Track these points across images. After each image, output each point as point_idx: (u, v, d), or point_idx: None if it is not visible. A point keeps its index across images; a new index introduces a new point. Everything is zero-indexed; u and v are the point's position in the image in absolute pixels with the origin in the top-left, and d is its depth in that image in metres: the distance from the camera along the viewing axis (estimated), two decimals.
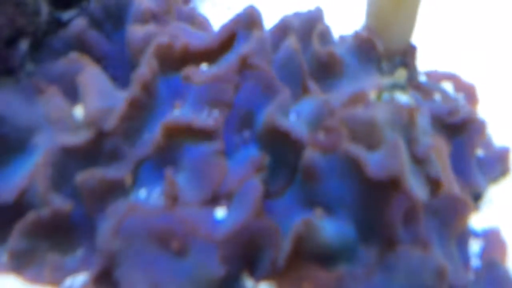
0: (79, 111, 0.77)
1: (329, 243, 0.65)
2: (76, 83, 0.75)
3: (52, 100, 0.74)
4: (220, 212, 0.68)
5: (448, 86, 0.96)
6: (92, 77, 0.75)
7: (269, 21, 0.85)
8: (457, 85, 0.97)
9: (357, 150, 0.67)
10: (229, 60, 0.74)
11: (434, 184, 0.73)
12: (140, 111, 0.72)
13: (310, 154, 0.68)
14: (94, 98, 0.72)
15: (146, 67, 0.73)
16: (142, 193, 0.71)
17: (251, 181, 0.68)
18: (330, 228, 0.66)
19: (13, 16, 0.75)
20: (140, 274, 0.65)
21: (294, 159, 0.70)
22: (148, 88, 0.72)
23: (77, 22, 0.80)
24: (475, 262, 0.75)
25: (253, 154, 0.70)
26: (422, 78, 0.95)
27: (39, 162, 0.71)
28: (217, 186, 0.69)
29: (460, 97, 0.95)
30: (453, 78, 0.98)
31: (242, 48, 0.74)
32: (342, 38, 0.90)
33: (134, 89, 0.72)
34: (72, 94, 0.77)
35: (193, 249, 0.65)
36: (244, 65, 0.73)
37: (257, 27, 0.79)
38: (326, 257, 0.66)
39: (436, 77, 0.98)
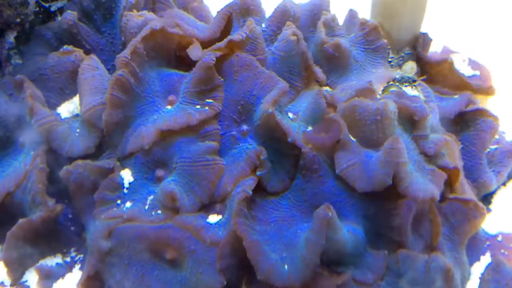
0: (67, 107, 0.74)
1: (344, 244, 0.62)
2: (70, 78, 0.74)
3: (37, 112, 0.70)
4: (213, 217, 0.65)
5: (462, 64, 0.91)
6: (88, 72, 0.71)
7: (271, 6, 0.82)
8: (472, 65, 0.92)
9: (344, 164, 0.64)
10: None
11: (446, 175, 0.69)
12: (128, 95, 0.68)
13: (310, 153, 0.65)
14: (89, 95, 0.69)
15: (129, 49, 0.69)
16: (132, 197, 0.67)
17: (242, 185, 0.64)
18: (344, 229, 0.63)
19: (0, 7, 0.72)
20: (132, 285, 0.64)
21: (293, 153, 0.67)
22: (132, 70, 0.69)
23: (68, 15, 0.78)
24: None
25: (251, 149, 0.67)
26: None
27: (34, 165, 0.68)
28: (213, 190, 0.66)
29: (472, 72, 0.90)
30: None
31: (232, 38, 0.71)
32: (344, 25, 0.86)
33: (117, 70, 0.68)
34: (63, 86, 0.75)
35: (189, 259, 0.63)
36: (234, 56, 0.70)
37: (253, 13, 0.77)
38: (336, 260, 0.63)
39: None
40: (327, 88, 0.77)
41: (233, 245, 0.61)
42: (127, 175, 0.68)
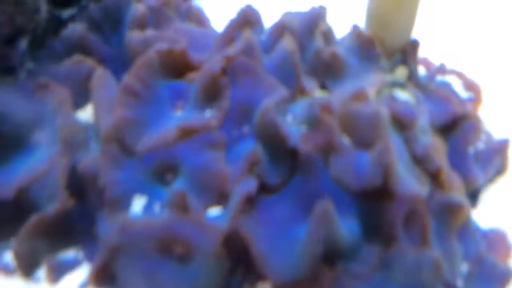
0: (82, 115, 0.77)
1: (341, 238, 0.65)
2: (83, 86, 0.77)
3: (66, 114, 0.74)
4: (215, 210, 0.68)
5: (456, 83, 0.96)
6: (101, 87, 0.74)
7: (272, 20, 0.85)
8: (464, 83, 0.97)
9: (337, 167, 0.67)
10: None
11: (434, 178, 0.73)
12: (137, 100, 0.72)
13: (306, 153, 0.68)
14: (107, 112, 0.72)
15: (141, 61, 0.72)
16: (142, 201, 0.70)
17: (245, 183, 0.67)
18: (341, 223, 0.65)
19: (13, 14, 0.75)
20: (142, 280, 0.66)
21: (290, 151, 0.69)
22: (143, 79, 0.72)
23: (77, 27, 0.81)
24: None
25: (250, 148, 0.70)
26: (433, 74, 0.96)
27: (55, 162, 0.71)
28: (219, 195, 0.69)
29: (467, 94, 0.95)
30: (460, 76, 0.98)
31: (228, 54, 0.74)
32: (343, 38, 0.90)
33: (125, 78, 0.71)
34: (78, 94, 0.78)
35: (198, 254, 0.65)
36: (233, 63, 0.73)
37: (252, 26, 0.80)
38: (331, 254, 0.65)
39: (442, 72, 0.98)
40: (322, 93, 0.80)
41: (233, 238, 0.65)
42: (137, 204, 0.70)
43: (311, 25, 0.85)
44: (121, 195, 0.70)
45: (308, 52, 0.84)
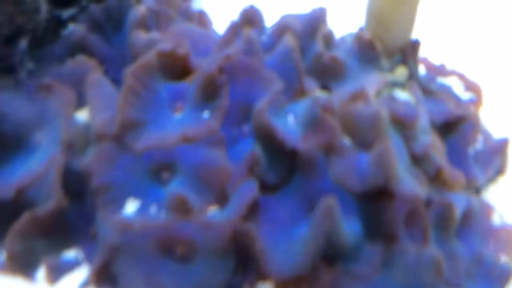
0: (86, 115, 0.77)
1: (343, 237, 0.65)
2: (83, 87, 0.76)
3: (69, 117, 0.74)
4: (214, 208, 0.68)
5: (457, 84, 0.96)
6: (96, 86, 0.74)
7: (273, 21, 0.85)
8: (465, 84, 0.97)
9: (337, 169, 0.67)
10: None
11: (434, 177, 0.74)
12: (138, 99, 0.72)
13: (306, 150, 0.68)
14: (101, 110, 0.72)
15: (138, 64, 0.72)
16: (138, 201, 0.70)
17: (247, 186, 0.67)
18: (344, 222, 0.65)
19: (13, 14, 0.75)
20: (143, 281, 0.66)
21: (289, 150, 0.69)
22: (142, 80, 0.72)
23: (78, 28, 0.81)
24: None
25: (249, 148, 0.70)
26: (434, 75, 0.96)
27: (53, 163, 0.70)
28: (220, 194, 0.69)
29: (467, 95, 0.95)
30: (460, 78, 0.98)
31: (228, 54, 0.74)
32: (343, 38, 0.90)
33: (126, 78, 0.71)
34: (80, 95, 0.77)
35: (199, 253, 0.65)
36: (231, 62, 0.73)
37: (254, 27, 0.80)
38: (333, 253, 0.66)
39: (443, 73, 0.98)
40: (323, 93, 0.80)
41: (233, 236, 0.65)
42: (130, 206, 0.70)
43: (312, 28, 0.86)
44: (116, 195, 0.69)
45: (309, 55, 0.84)
